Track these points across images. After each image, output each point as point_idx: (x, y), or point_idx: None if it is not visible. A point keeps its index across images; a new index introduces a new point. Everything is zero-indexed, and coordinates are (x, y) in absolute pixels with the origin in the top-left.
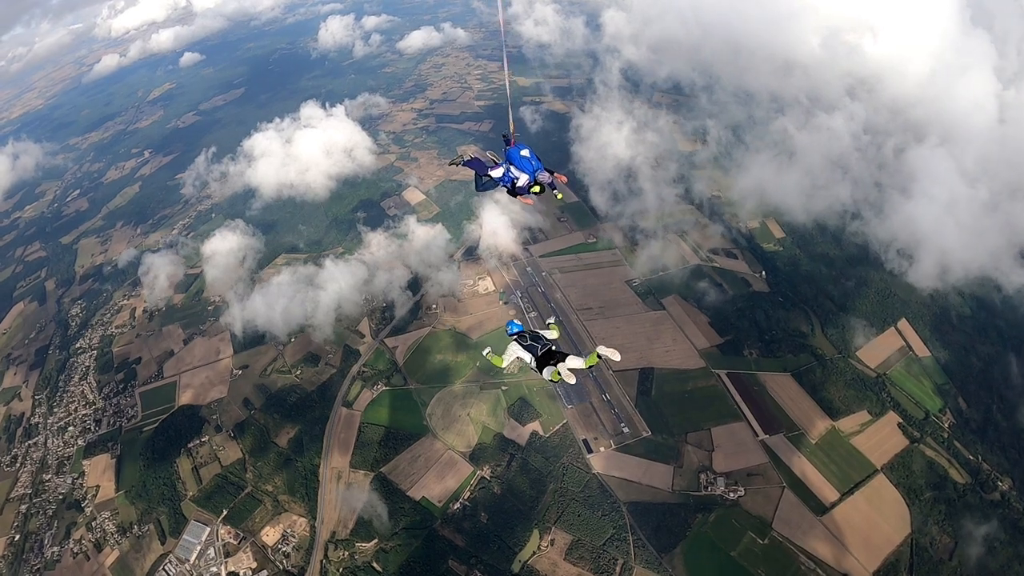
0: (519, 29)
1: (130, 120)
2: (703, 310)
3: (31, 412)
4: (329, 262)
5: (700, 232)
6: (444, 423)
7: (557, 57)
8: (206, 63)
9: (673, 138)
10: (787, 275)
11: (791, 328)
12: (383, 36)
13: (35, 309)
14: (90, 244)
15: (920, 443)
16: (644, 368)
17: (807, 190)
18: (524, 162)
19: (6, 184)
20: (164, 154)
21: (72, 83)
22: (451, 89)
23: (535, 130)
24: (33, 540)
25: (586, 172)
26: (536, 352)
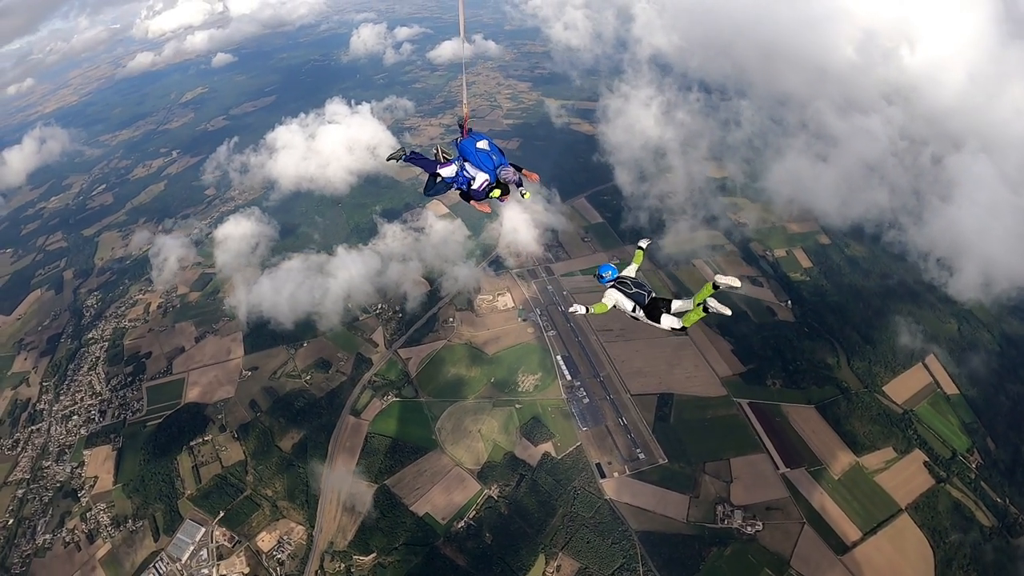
0: (548, 32)
1: (161, 120)
2: (726, 337)
3: (37, 398)
4: (342, 250)
5: (725, 258)
6: (453, 438)
7: (585, 64)
8: (239, 69)
9: (700, 163)
10: (813, 305)
11: (816, 359)
12: (414, 46)
13: (51, 297)
14: (111, 238)
15: (946, 483)
16: (663, 393)
17: (843, 195)
18: (482, 157)
19: (30, 167)
20: (192, 155)
21: (107, 82)
22: (480, 107)
23: (561, 150)
24: (26, 525)
25: (611, 193)
26: (643, 300)
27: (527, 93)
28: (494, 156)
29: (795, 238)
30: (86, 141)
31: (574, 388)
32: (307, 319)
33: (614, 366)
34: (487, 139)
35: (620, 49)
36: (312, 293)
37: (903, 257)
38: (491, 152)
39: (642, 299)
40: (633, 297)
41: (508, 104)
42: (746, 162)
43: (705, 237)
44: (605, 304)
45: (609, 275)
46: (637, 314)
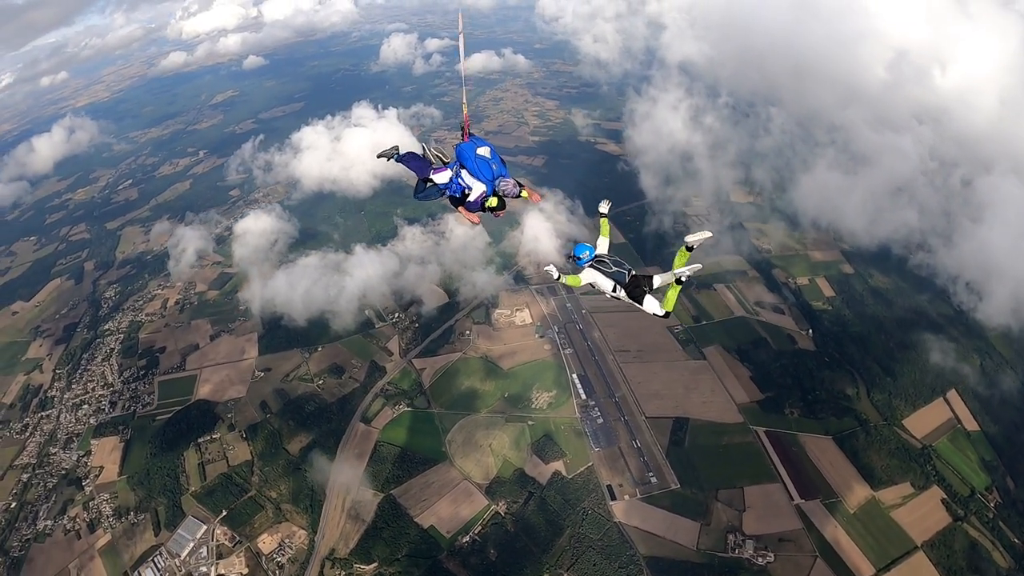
0: (576, 44)
1: (190, 121)
2: (745, 363)
3: (49, 385)
4: (360, 248)
5: (747, 284)
6: (463, 452)
7: (614, 82)
8: (269, 74)
9: (726, 188)
10: (835, 335)
11: (835, 390)
12: (444, 57)
13: (71, 287)
14: (134, 232)
15: (964, 521)
16: (679, 417)
17: (871, 215)
18: (481, 165)
19: (58, 156)
20: (218, 156)
21: (139, 80)
22: (507, 123)
23: (586, 168)
24: (28, 510)
25: (635, 214)
26: (624, 279)
27: (554, 111)
28: (494, 165)
29: (818, 266)
30: (115, 137)
31: (588, 407)
32: (322, 321)
33: (630, 387)
34: (489, 146)
35: (648, 67)
36: (327, 290)
37: (931, 281)
38: (492, 161)
39: (622, 277)
40: (613, 276)
41: (535, 121)
42: (773, 184)
43: (728, 262)
44: (580, 279)
45: (587, 255)
46: (618, 294)
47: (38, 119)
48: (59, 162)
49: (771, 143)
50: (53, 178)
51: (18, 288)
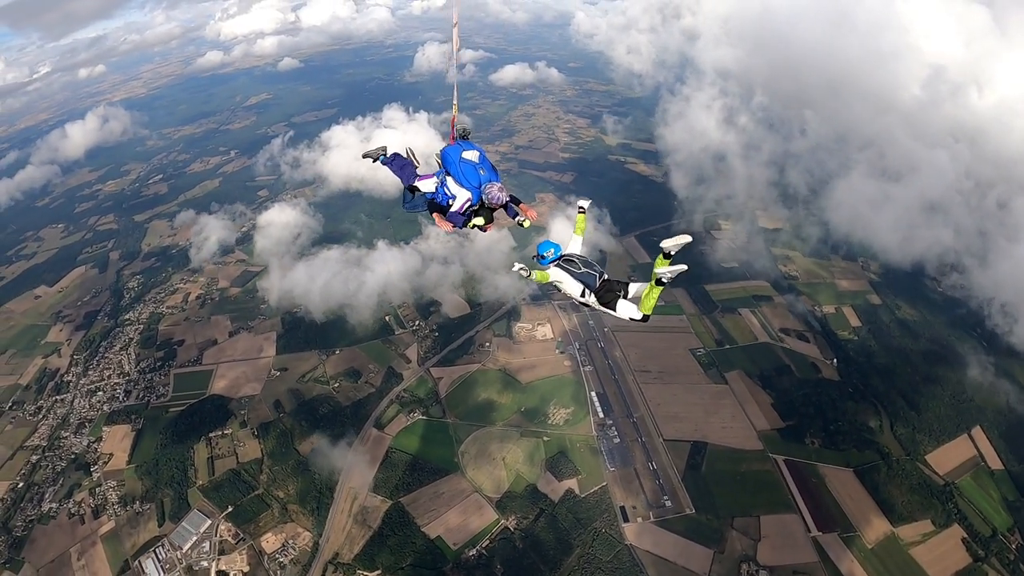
0: (610, 54)
1: (223, 121)
2: (767, 390)
3: (66, 370)
4: (382, 244)
5: (772, 310)
6: (476, 464)
7: (646, 103)
8: (304, 79)
9: (754, 214)
10: (860, 366)
11: (858, 422)
12: (477, 68)
13: (94, 275)
14: (161, 226)
15: (984, 562)
16: (697, 441)
17: (904, 232)
18: (467, 170)
19: (90, 143)
20: (249, 156)
21: (176, 79)
22: (538, 138)
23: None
24: (35, 491)
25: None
26: (593, 283)
27: (585, 129)
28: (482, 171)
29: (845, 296)
30: (149, 132)
31: (606, 426)
32: (341, 324)
33: (649, 408)
34: (478, 150)
35: (681, 81)
36: (347, 284)
37: (961, 310)
38: (479, 166)
39: (592, 280)
40: (582, 278)
41: (565, 138)
42: (803, 205)
43: (754, 287)
44: (547, 275)
45: (551, 253)
46: (587, 299)
47: (75, 111)
48: (90, 150)
49: (803, 163)
50: (85, 168)
51: (43, 273)
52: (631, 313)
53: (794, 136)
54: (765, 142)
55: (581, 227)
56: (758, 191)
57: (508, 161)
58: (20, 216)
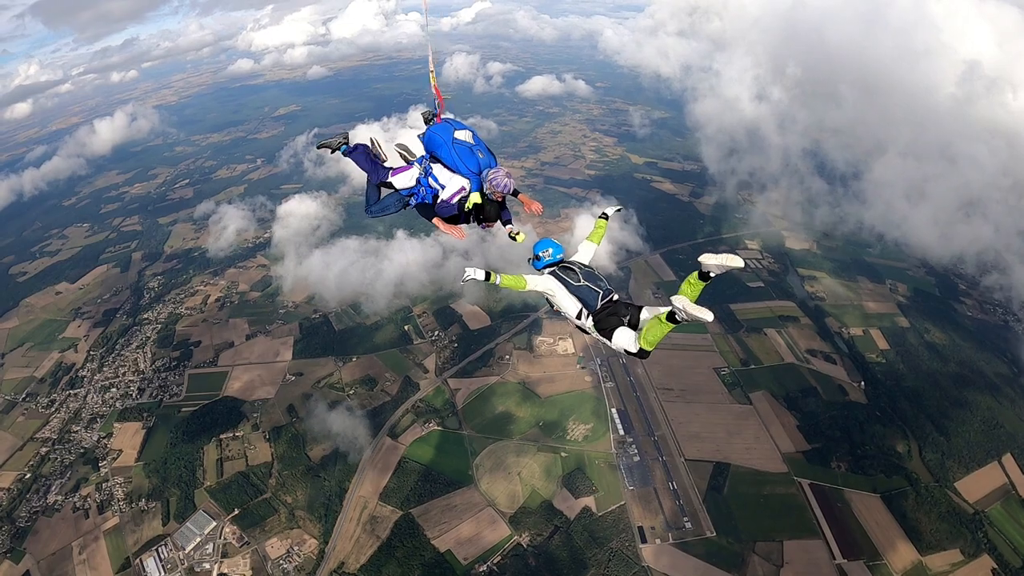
0: (636, 58)
1: (251, 130)
2: (792, 412)
3: (82, 365)
4: (401, 234)
5: (799, 331)
6: (491, 477)
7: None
8: (333, 92)
9: (781, 235)
10: (887, 389)
11: (886, 446)
12: (504, 79)
13: (116, 274)
14: (184, 229)
15: None
16: (720, 462)
17: (941, 232)
18: (462, 153)
19: (117, 139)
20: (275, 165)
21: (207, 88)
22: (563, 155)
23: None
24: (42, 483)
25: (687, 253)
26: (594, 302)
27: (612, 147)
28: (480, 154)
29: (872, 318)
30: (178, 138)
31: (625, 444)
32: (359, 331)
33: (671, 427)
34: (470, 129)
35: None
36: (364, 273)
37: (992, 334)
38: (476, 147)
39: (592, 298)
40: (579, 293)
41: (591, 156)
42: (833, 218)
43: (780, 307)
44: (525, 281)
45: (548, 255)
46: (583, 323)
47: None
48: (119, 152)
49: (833, 173)
50: (113, 170)
51: (66, 270)
52: (628, 344)
53: (824, 148)
54: (793, 157)
55: (599, 235)
56: (786, 209)
57: (534, 177)
58: (46, 214)
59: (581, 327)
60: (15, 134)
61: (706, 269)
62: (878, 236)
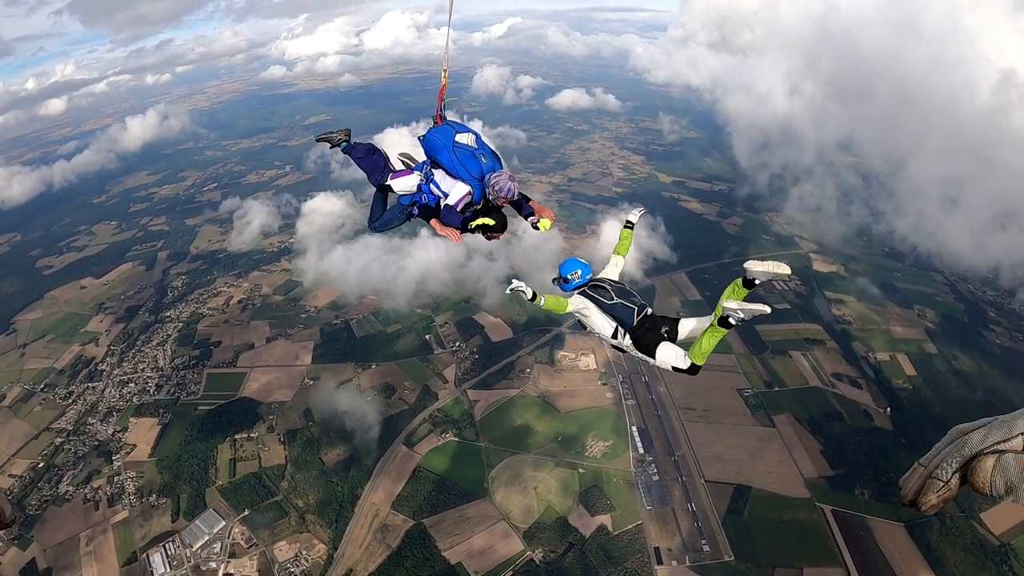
0: (666, 74)
1: (281, 137)
2: (816, 436)
3: (101, 359)
4: (425, 231)
5: (825, 354)
6: (506, 491)
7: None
8: (364, 103)
9: (808, 257)
10: (914, 416)
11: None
12: (534, 92)
13: (141, 272)
14: (211, 231)
15: None
16: (740, 485)
17: (975, 242)
18: (463, 158)
19: (148, 137)
20: (303, 172)
21: (239, 95)
22: (591, 172)
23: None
24: (54, 473)
25: (713, 272)
26: (630, 320)
27: (640, 166)
28: (483, 158)
29: (899, 343)
30: (209, 143)
31: (645, 463)
32: (380, 338)
33: (691, 447)
34: (474, 132)
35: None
36: (385, 269)
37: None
38: (478, 151)
39: (628, 316)
40: (614, 312)
41: (619, 173)
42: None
43: (806, 330)
44: (566, 303)
45: (577, 276)
46: (620, 342)
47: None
48: (149, 153)
49: (864, 189)
50: (143, 171)
51: (91, 266)
52: (675, 360)
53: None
54: (824, 175)
55: (625, 246)
56: (814, 231)
57: (561, 192)
58: (76, 210)
59: (618, 346)
60: (49, 132)
61: (751, 276)
62: (911, 247)
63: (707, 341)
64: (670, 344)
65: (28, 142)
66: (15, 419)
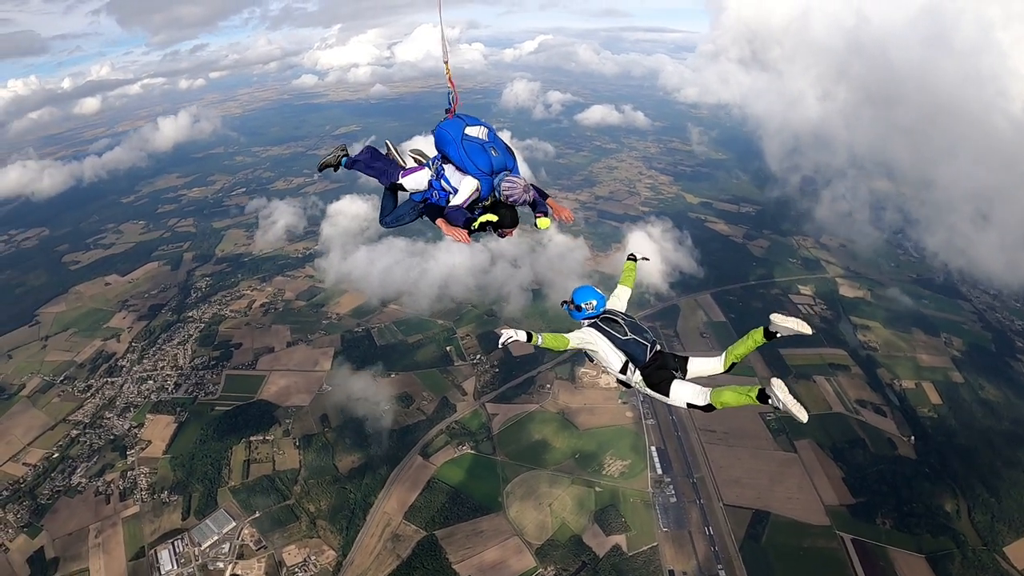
0: (687, 93)
1: (311, 146)
2: (838, 463)
3: (122, 355)
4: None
5: (849, 380)
6: (520, 506)
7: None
8: (394, 115)
9: (835, 281)
10: (939, 446)
11: (934, 505)
12: (563, 108)
13: (166, 272)
14: (237, 234)
15: None
16: (759, 510)
17: (1008, 255)
18: (473, 152)
19: (180, 138)
20: (331, 181)
21: (271, 104)
22: (618, 190)
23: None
24: (68, 464)
25: (739, 294)
26: (642, 356)
27: (667, 186)
28: (494, 152)
29: (925, 371)
30: (239, 148)
31: (663, 484)
32: (400, 348)
33: (711, 470)
34: (486, 126)
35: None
36: (408, 271)
37: None
38: (490, 144)
39: (640, 353)
40: (626, 348)
41: (646, 192)
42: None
43: (831, 355)
44: (567, 340)
45: (591, 307)
46: (631, 378)
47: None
48: (180, 156)
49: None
50: (173, 173)
51: (117, 263)
52: (692, 397)
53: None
54: (852, 195)
55: (631, 278)
56: (840, 255)
57: (587, 210)
58: (105, 208)
59: (625, 382)
60: (82, 131)
61: (774, 329)
62: (942, 264)
63: (734, 400)
64: (683, 381)
65: (61, 140)
66: (33, 409)
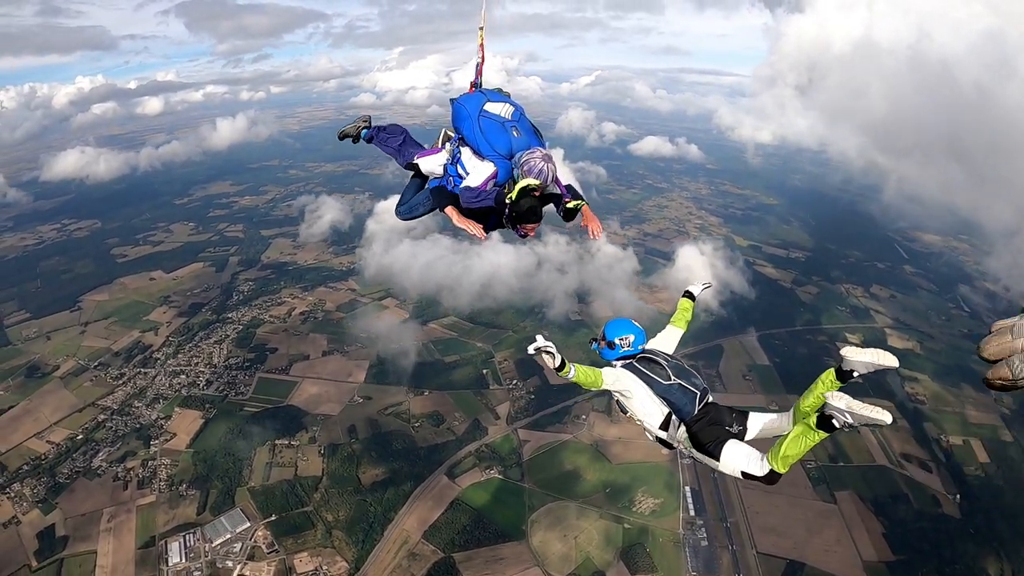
0: (741, 132)
1: (364, 165)
2: (879, 517)
3: (158, 348)
4: (495, 235)
5: (894, 433)
6: (545, 536)
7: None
8: None
9: (883, 332)
10: (984, 506)
11: (976, 567)
12: (616, 138)
13: (211, 273)
14: (284, 243)
15: None
16: (794, 560)
17: None
18: (490, 130)
19: (237, 138)
20: (381, 198)
21: (329, 123)
22: (667, 228)
23: (741, 287)
24: (91, 446)
25: (784, 338)
26: (688, 409)
27: (716, 227)
28: (516, 131)
29: (973, 428)
30: (293, 162)
31: (695, 526)
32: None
33: (746, 515)
34: (512, 103)
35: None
36: (450, 268)
37: None
38: (510, 123)
39: (688, 404)
40: (669, 396)
41: (695, 232)
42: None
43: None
44: (599, 378)
45: (628, 343)
46: (672, 435)
47: None
48: (234, 145)
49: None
50: (227, 181)
51: (163, 260)
52: (747, 464)
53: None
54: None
55: (685, 319)
56: (890, 305)
57: (635, 246)
58: (157, 208)
59: (665, 440)
60: (143, 134)
61: (848, 367)
62: (1003, 289)
63: (795, 445)
64: (739, 442)
65: (121, 141)
66: (64, 390)
